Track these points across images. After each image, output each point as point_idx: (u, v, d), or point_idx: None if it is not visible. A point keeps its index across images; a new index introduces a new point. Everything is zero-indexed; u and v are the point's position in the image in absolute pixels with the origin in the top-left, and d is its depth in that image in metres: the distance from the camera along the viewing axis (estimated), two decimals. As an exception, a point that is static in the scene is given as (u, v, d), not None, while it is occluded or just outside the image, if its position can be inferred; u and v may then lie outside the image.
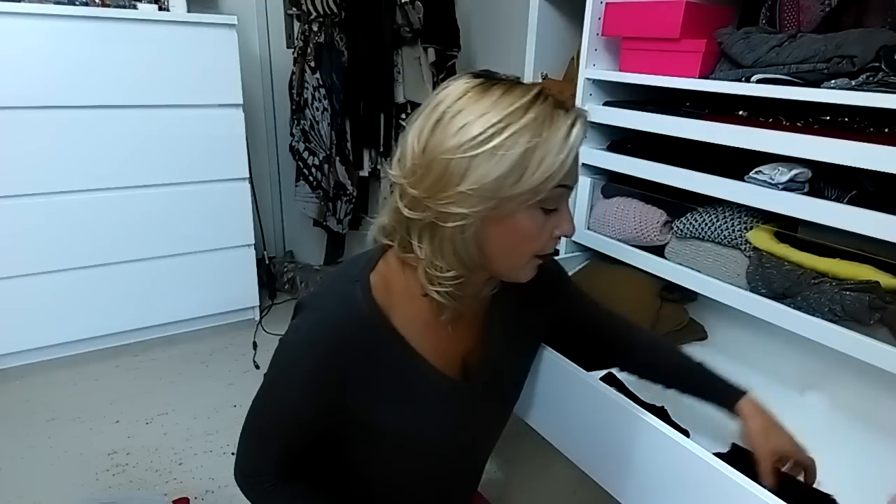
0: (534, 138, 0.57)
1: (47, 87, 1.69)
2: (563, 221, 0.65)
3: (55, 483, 1.44)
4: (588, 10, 1.48)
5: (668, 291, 1.47)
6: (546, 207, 0.62)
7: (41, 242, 1.81)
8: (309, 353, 0.66)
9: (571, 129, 0.59)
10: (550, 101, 0.60)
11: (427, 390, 0.70)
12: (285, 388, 0.68)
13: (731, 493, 0.76)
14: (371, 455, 0.74)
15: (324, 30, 2.16)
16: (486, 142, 0.57)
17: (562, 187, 0.61)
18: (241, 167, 2.06)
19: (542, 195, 0.60)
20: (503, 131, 0.57)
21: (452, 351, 0.73)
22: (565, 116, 0.60)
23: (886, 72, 0.97)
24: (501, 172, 0.57)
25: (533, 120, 0.57)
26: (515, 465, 1.56)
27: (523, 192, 0.59)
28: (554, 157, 0.58)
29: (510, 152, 0.57)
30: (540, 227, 0.63)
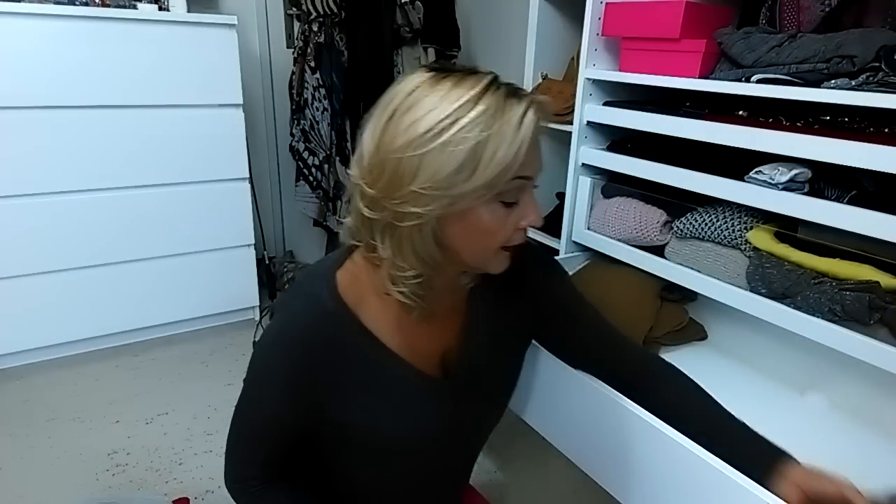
0: (484, 131, 0.55)
1: (47, 87, 1.69)
2: (527, 212, 0.62)
3: (55, 483, 1.44)
4: (588, 10, 1.48)
5: (668, 291, 1.47)
6: (506, 201, 0.60)
7: (41, 242, 1.81)
8: (280, 354, 0.66)
9: (524, 118, 0.57)
10: (503, 90, 0.57)
11: (400, 387, 0.69)
12: (262, 392, 0.69)
13: (731, 492, 0.76)
14: (352, 455, 0.73)
15: (324, 30, 2.16)
16: (435, 138, 0.55)
17: (520, 179, 0.59)
18: (241, 167, 2.06)
19: (499, 188, 0.58)
20: (452, 126, 0.55)
21: (429, 347, 0.72)
22: (517, 105, 0.57)
23: (886, 72, 0.97)
24: (453, 168, 0.55)
25: (483, 112, 0.55)
26: (516, 465, 1.56)
27: (478, 187, 0.57)
28: (507, 148, 0.56)
29: (460, 147, 0.55)
30: (501, 221, 0.61)
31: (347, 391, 0.67)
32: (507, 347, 0.81)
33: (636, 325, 1.40)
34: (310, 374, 0.65)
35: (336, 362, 0.66)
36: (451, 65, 0.61)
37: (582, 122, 1.55)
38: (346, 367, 0.66)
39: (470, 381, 0.75)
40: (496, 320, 0.77)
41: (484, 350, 0.76)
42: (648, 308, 1.43)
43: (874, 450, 1.13)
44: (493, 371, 0.78)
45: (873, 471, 1.07)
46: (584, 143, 1.58)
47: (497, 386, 0.81)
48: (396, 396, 0.69)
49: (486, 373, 0.77)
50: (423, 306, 0.66)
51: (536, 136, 0.59)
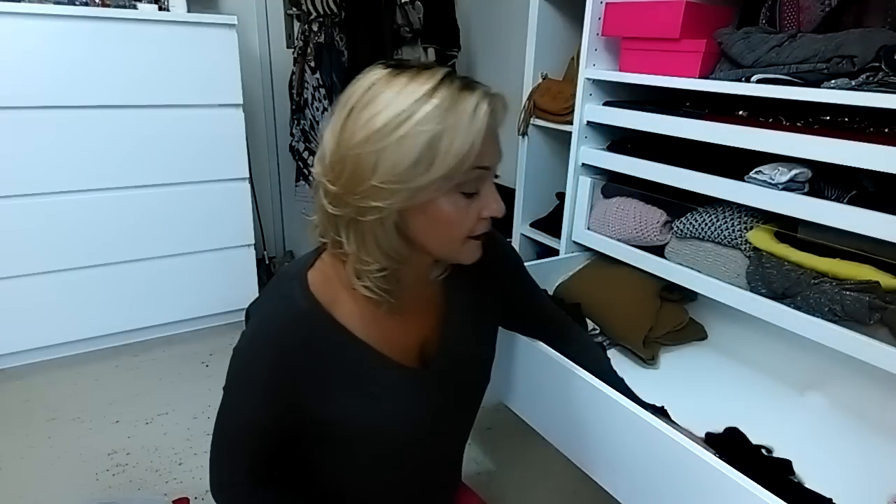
0: (439, 124, 0.57)
1: (47, 87, 1.69)
2: (489, 202, 0.64)
3: (55, 483, 1.44)
4: (588, 10, 1.48)
5: (668, 291, 1.47)
6: (466, 191, 0.62)
7: (41, 242, 1.81)
8: (257, 358, 0.66)
9: (477, 110, 0.58)
10: (457, 83, 0.59)
11: (379, 380, 0.70)
12: (241, 396, 0.69)
13: (731, 492, 0.76)
14: (338, 453, 0.73)
15: (324, 30, 2.15)
16: (392, 132, 0.57)
17: (479, 169, 0.61)
18: (241, 167, 2.06)
19: (458, 179, 0.59)
20: (408, 120, 0.57)
21: (407, 339, 0.73)
22: (471, 97, 0.58)
23: (886, 72, 0.97)
24: (410, 161, 0.57)
25: (437, 105, 0.57)
26: (515, 465, 1.57)
27: (435, 179, 0.58)
28: (462, 139, 0.57)
29: (417, 140, 0.57)
30: (463, 212, 0.62)
31: (327, 389, 0.68)
32: (483, 335, 0.83)
33: (636, 325, 1.40)
34: (288, 375, 0.66)
35: (313, 361, 0.66)
36: (408, 61, 0.63)
37: (582, 122, 1.56)
38: (324, 366, 0.67)
39: (449, 371, 0.75)
40: (473, 309, 0.79)
41: (462, 339, 0.77)
42: (648, 308, 1.44)
43: (874, 450, 1.13)
44: (471, 359, 0.80)
45: (873, 471, 1.07)
46: (584, 143, 1.58)
47: (476, 373, 0.82)
48: (376, 390, 0.70)
49: (465, 362, 0.78)
50: (390, 300, 0.67)
51: (493, 127, 0.60)
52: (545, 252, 2.06)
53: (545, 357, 1.05)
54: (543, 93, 1.89)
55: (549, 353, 1.04)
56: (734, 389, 1.31)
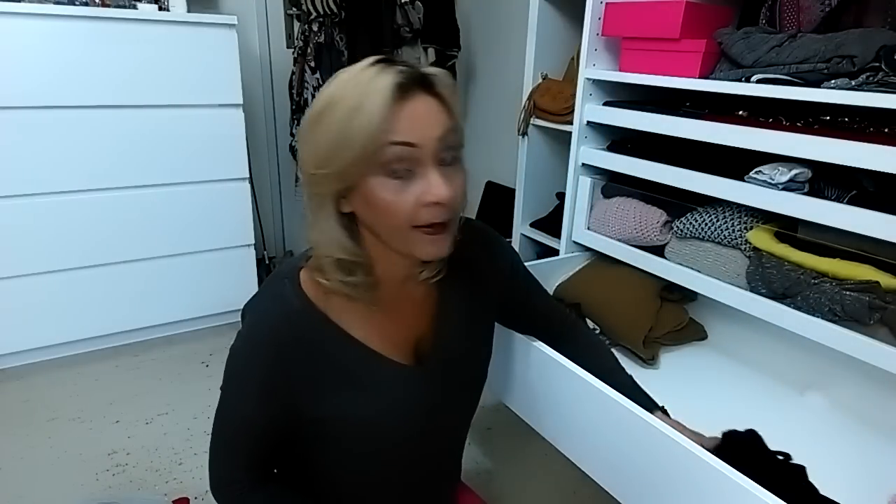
0: (355, 101, 0.57)
1: (47, 87, 1.69)
2: (430, 186, 0.59)
3: (55, 483, 1.44)
4: (588, 10, 1.48)
5: (668, 291, 1.47)
6: (395, 173, 0.59)
7: (41, 242, 1.80)
8: (252, 358, 0.67)
9: (382, 83, 0.58)
10: (379, 66, 0.60)
11: (372, 377, 0.70)
12: (238, 396, 0.69)
13: (731, 492, 0.76)
14: (334, 452, 0.74)
15: (324, 30, 2.15)
16: (317, 119, 0.60)
17: (397, 145, 0.58)
18: (241, 167, 2.06)
19: (380, 159, 0.58)
20: (328, 105, 0.59)
21: (401, 337, 0.73)
22: (383, 74, 0.58)
23: (886, 72, 0.97)
24: (330, 143, 0.59)
25: (355, 86, 0.58)
26: (516, 464, 1.56)
27: (355, 158, 0.58)
28: (369, 114, 0.57)
29: (333, 121, 0.58)
30: (395, 196, 0.60)
31: (321, 387, 0.68)
32: (479, 333, 0.82)
33: (636, 325, 1.40)
34: (283, 374, 0.66)
35: (307, 359, 0.66)
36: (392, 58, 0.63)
37: (582, 122, 1.56)
38: (318, 363, 0.67)
39: (444, 368, 0.75)
40: (467, 308, 0.79)
41: (457, 336, 0.77)
42: (648, 308, 1.44)
43: (874, 450, 1.13)
44: (466, 357, 0.80)
45: (873, 471, 1.07)
46: (584, 143, 1.58)
47: (471, 371, 0.82)
48: (369, 387, 0.70)
49: (460, 359, 0.78)
50: (366, 295, 0.67)
51: (415, 105, 0.59)
52: (545, 252, 2.06)
53: (545, 357, 1.05)
54: (543, 93, 1.89)
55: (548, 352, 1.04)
56: (734, 389, 1.31)
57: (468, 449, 0.90)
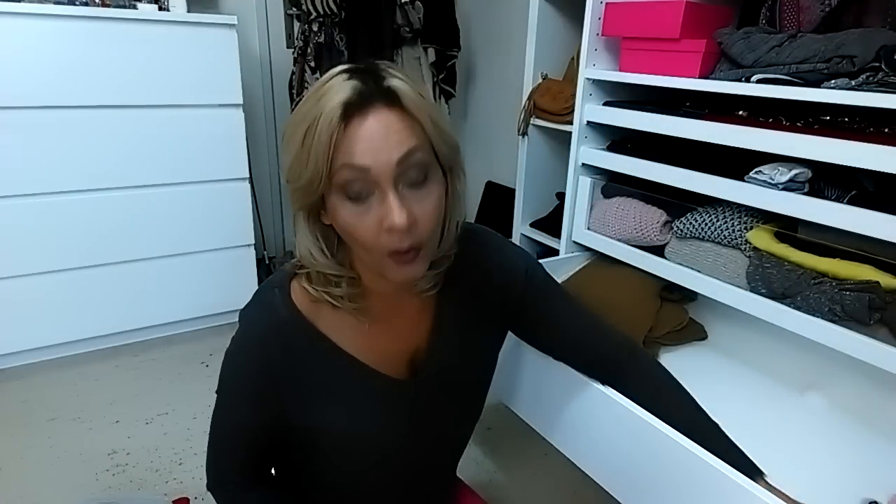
0: (311, 117, 0.55)
1: (47, 87, 1.69)
2: (386, 211, 0.55)
3: (55, 483, 1.44)
4: (588, 10, 1.48)
5: (668, 291, 1.47)
6: (350, 195, 0.56)
7: (41, 242, 1.80)
8: (241, 364, 0.68)
9: (344, 102, 0.53)
10: (341, 77, 0.56)
11: (361, 391, 0.69)
12: (229, 401, 0.71)
13: (731, 493, 0.76)
14: (325, 459, 0.74)
15: (324, 30, 2.15)
16: (287, 130, 0.59)
17: (348, 168, 0.54)
18: (241, 167, 2.06)
19: (335, 179, 0.55)
20: (295, 117, 0.57)
21: (394, 348, 0.71)
22: (338, 90, 0.54)
23: (886, 72, 0.97)
24: (293, 159, 0.57)
25: (316, 101, 0.55)
26: (516, 465, 1.57)
27: (312, 176, 0.56)
28: (320, 131, 0.54)
29: (294, 137, 0.57)
30: (355, 218, 0.57)
31: (309, 397, 0.68)
32: (478, 346, 0.78)
33: (636, 325, 1.40)
34: (271, 382, 0.66)
35: (295, 369, 0.66)
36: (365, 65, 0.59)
37: (582, 122, 1.56)
38: (306, 374, 0.67)
39: (439, 381, 0.74)
40: (467, 319, 0.75)
41: (454, 350, 0.74)
42: (648, 308, 1.44)
43: (874, 450, 1.13)
44: (464, 370, 0.77)
45: (873, 471, 1.07)
46: (584, 143, 1.58)
47: (469, 385, 0.79)
48: (355, 398, 0.69)
49: (457, 372, 0.75)
50: (353, 306, 0.66)
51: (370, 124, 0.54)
52: (545, 252, 2.06)
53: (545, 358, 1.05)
54: (543, 93, 1.89)
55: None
56: (734, 389, 1.31)
57: (468, 449, 0.90)
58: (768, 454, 1.10)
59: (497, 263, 0.76)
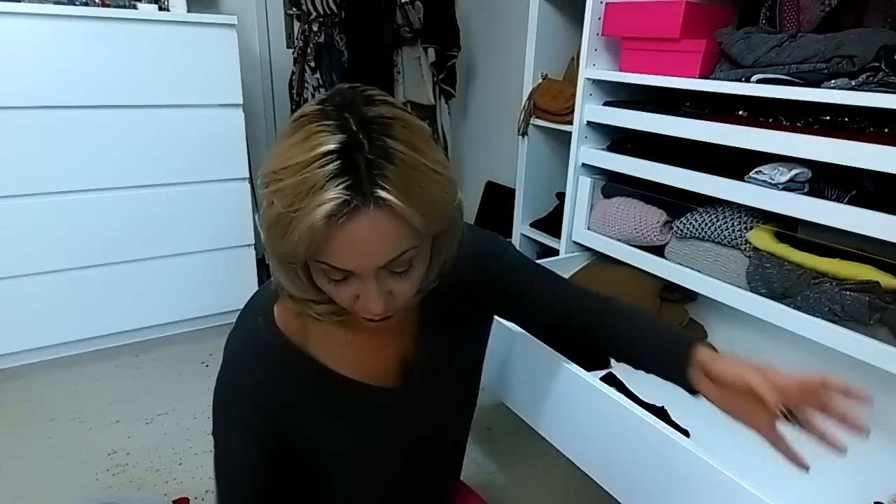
0: (288, 206, 0.48)
1: (47, 87, 1.69)
2: (365, 299, 0.55)
3: (55, 483, 1.44)
4: (588, 10, 1.48)
5: (668, 291, 1.47)
6: (330, 277, 0.54)
7: (41, 242, 1.80)
8: (230, 398, 0.67)
9: (326, 214, 0.48)
10: (331, 167, 0.48)
11: (353, 407, 0.69)
12: (226, 439, 0.68)
13: (731, 492, 0.76)
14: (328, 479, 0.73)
15: (324, 30, 2.15)
16: (265, 185, 0.52)
17: (328, 266, 0.52)
18: (241, 167, 2.06)
19: (315, 263, 0.54)
20: (276, 183, 0.50)
21: (383, 357, 0.71)
22: (329, 193, 0.47)
23: (886, 72, 0.97)
24: (269, 222, 0.52)
25: (297, 186, 0.48)
26: (516, 465, 1.56)
27: (286, 252, 0.52)
28: (301, 234, 0.49)
29: (273, 208, 0.50)
30: (333, 291, 0.56)
31: (303, 418, 0.67)
32: (466, 338, 0.79)
33: (636, 325, 1.40)
34: (263, 409, 0.65)
35: (284, 394, 0.66)
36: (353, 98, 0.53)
37: (582, 122, 1.56)
38: (296, 397, 0.66)
39: (431, 382, 0.74)
40: (450, 315, 0.75)
41: (442, 347, 0.74)
42: (648, 308, 1.44)
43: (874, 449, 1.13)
44: (454, 365, 0.77)
45: (873, 470, 1.07)
46: (584, 143, 1.58)
47: (461, 378, 0.80)
48: (351, 417, 0.69)
49: (447, 369, 0.76)
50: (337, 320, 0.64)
51: (354, 232, 0.49)
52: (545, 252, 2.06)
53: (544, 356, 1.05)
54: (543, 93, 1.89)
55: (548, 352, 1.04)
56: (734, 389, 1.31)
57: (468, 449, 0.90)
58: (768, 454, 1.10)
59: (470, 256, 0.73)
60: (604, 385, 0.96)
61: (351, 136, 0.49)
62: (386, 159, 0.49)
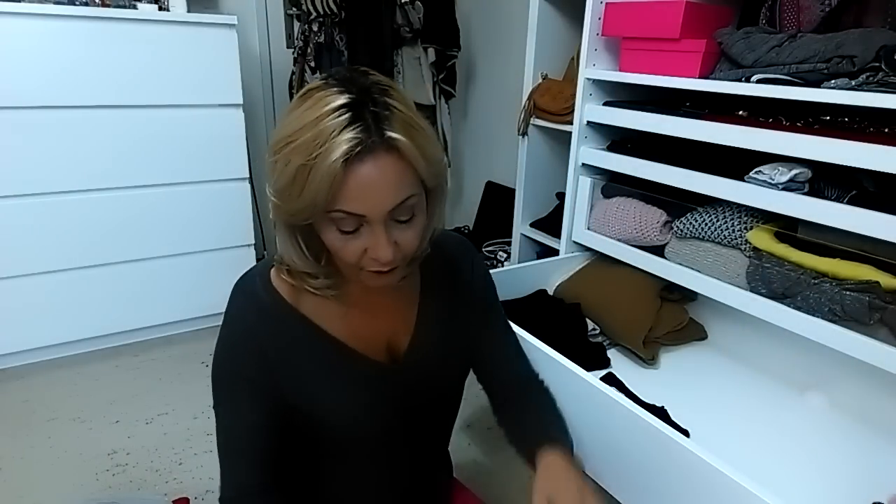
0: (307, 157, 0.54)
1: (47, 87, 1.69)
2: (375, 246, 0.59)
3: (55, 483, 1.44)
4: (588, 10, 1.48)
5: (668, 291, 1.48)
6: (342, 229, 0.58)
7: (41, 242, 1.80)
8: (234, 358, 0.68)
9: (344, 155, 0.53)
10: (344, 118, 0.54)
11: (346, 372, 0.71)
12: (228, 400, 0.70)
13: (731, 492, 0.76)
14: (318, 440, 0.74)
15: (324, 30, 2.16)
16: (279, 150, 0.57)
17: (342, 213, 0.57)
18: (241, 167, 2.06)
19: (327, 216, 0.57)
20: (290, 144, 0.56)
21: (375, 333, 0.73)
22: (341, 138, 0.53)
23: (886, 72, 0.97)
24: (283, 184, 0.57)
25: (314, 139, 0.54)
26: (516, 465, 1.56)
27: (304, 207, 0.57)
28: (320, 181, 0.54)
29: (289, 167, 0.56)
30: (342, 245, 0.60)
31: (300, 377, 0.69)
32: (459, 335, 0.81)
33: (636, 325, 1.40)
34: (265, 365, 0.67)
35: (284, 351, 0.68)
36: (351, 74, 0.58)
37: (582, 122, 1.56)
38: (294, 356, 0.69)
39: (421, 367, 0.76)
40: (448, 308, 0.78)
41: (435, 337, 0.77)
42: (648, 308, 1.44)
43: (874, 449, 1.13)
44: (444, 357, 0.79)
45: (873, 470, 1.07)
46: (584, 143, 1.58)
47: (449, 371, 0.81)
48: (343, 381, 0.71)
49: (437, 359, 0.78)
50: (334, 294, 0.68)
51: (368, 175, 0.55)
52: (545, 252, 2.06)
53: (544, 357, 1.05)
54: (543, 93, 1.89)
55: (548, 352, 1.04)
56: (734, 389, 1.31)
57: (468, 449, 0.90)
58: (769, 454, 1.10)
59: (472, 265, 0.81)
60: (604, 385, 0.96)
61: (356, 95, 0.55)
62: (389, 111, 0.55)
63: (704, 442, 0.91)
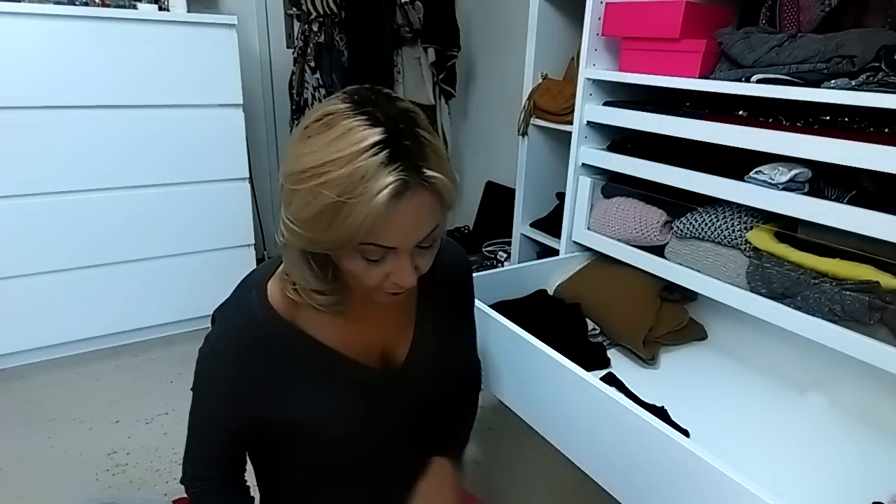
0: (344, 194, 0.53)
1: (47, 87, 1.69)
2: (399, 273, 0.60)
3: (55, 483, 1.44)
4: (588, 10, 1.48)
5: (668, 291, 1.47)
6: (368, 258, 0.59)
7: (41, 242, 1.80)
8: (216, 365, 0.70)
9: (381, 193, 0.53)
10: (381, 155, 0.53)
11: (339, 377, 0.72)
12: (203, 401, 0.72)
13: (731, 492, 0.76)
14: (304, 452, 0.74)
15: (324, 30, 2.16)
16: (306, 180, 0.55)
17: (374, 246, 0.57)
18: (241, 167, 2.06)
19: (357, 248, 0.58)
20: (322, 176, 0.54)
21: (369, 339, 0.74)
22: (383, 178, 0.53)
23: (886, 72, 0.97)
24: (312, 215, 0.56)
25: (349, 175, 0.53)
26: (516, 464, 1.56)
27: (332, 240, 0.57)
28: (361, 218, 0.54)
29: (319, 200, 0.54)
30: (365, 272, 0.60)
31: (288, 390, 0.69)
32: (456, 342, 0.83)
33: (636, 325, 1.40)
34: (247, 381, 0.68)
35: (273, 366, 0.68)
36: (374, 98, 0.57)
37: (582, 122, 1.56)
38: (284, 369, 0.69)
39: (418, 376, 0.76)
40: (445, 316, 0.80)
41: (433, 345, 0.78)
42: (648, 308, 1.44)
43: (874, 449, 1.13)
44: (443, 365, 0.80)
45: (873, 470, 1.07)
46: (584, 143, 1.58)
47: (447, 379, 0.82)
48: (338, 389, 0.71)
49: (436, 367, 0.79)
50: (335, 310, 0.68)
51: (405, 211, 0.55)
52: (545, 252, 2.06)
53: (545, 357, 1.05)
54: (543, 93, 1.89)
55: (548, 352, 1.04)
56: (734, 389, 1.31)
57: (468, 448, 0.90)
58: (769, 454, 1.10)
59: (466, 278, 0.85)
60: (604, 385, 0.96)
61: (387, 128, 0.54)
62: (421, 146, 0.56)
63: (704, 442, 0.91)
